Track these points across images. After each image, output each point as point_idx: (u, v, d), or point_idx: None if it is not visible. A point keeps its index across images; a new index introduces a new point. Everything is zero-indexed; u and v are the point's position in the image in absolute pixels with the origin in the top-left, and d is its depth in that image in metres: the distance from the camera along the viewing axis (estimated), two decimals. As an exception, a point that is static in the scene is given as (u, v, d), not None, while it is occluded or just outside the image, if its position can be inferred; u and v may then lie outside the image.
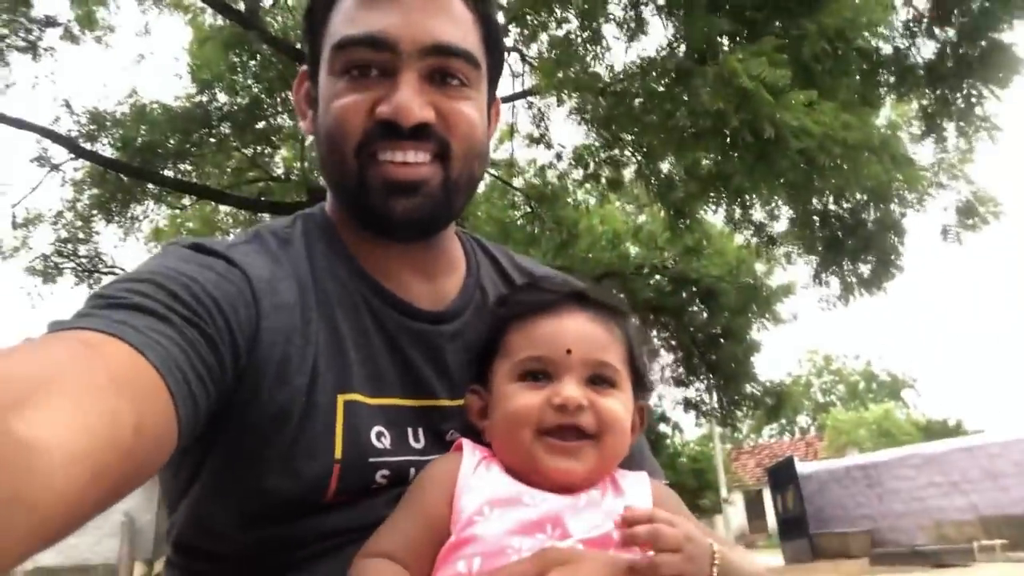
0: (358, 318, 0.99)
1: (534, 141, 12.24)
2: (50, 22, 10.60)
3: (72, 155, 11.11)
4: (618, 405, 0.91)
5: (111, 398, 0.62)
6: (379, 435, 0.93)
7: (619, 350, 0.95)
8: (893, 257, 9.96)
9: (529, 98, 11.63)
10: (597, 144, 10.30)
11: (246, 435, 0.87)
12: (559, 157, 12.04)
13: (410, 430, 0.97)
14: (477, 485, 0.86)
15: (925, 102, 8.51)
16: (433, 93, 0.96)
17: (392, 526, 0.86)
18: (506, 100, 12.03)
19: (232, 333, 0.84)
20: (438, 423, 0.99)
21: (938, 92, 8.13)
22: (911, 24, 7.89)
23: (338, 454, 0.90)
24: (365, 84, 0.96)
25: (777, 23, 6.80)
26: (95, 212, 12.01)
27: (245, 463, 0.88)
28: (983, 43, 7.57)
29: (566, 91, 8.40)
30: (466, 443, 0.93)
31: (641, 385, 0.99)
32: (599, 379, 0.91)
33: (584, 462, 0.87)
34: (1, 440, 0.48)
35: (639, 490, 0.91)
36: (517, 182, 13.52)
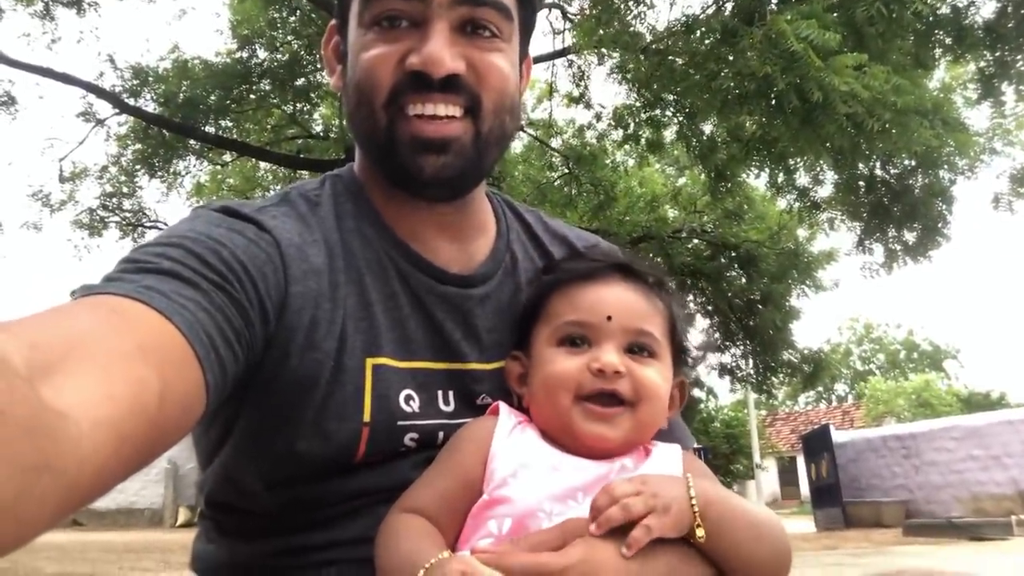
0: (387, 281, 0.99)
1: (573, 101, 12.08)
2: (94, -23, 10.66)
3: (116, 110, 11.29)
4: (656, 375, 0.91)
5: (138, 365, 0.62)
6: (408, 398, 0.93)
7: (660, 321, 0.94)
8: (940, 225, 9.71)
9: (569, 56, 11.44)
10: (638, 104, 10.11)
11: (276, 398, 0.88)
12: (598, 117, 11.89)
13: (440, 393, 0.97)
14: (512, 448, 0.87)
15: (983, 64, 8.17)
16: (464, 44, 0.94)
17: (426, 483, 0.87)
18: (546, 58, 11.87)
19: (261, 298, 0.84)
20: (468, 386, 0.99)
21: (997, 54, 7.80)
22: (972, -19, 7.54)
23: (367, 417, 0.90)
24: (395, 35, 0.94)
25: (830, -19, 6.55)
26: (138, 167, 12.23)
27: (275, 425, 0.89)
28: (1048, 2, 7.22)
29: (606, 49, 8.24)
30: (503, 406, 0.93)
31: (682, 360, 0.99)
32: (639, 347, 0.91)
33: (619, 429, 0.88)
34: (31, 407, 0.48)
35: (669, 460, 0.92)
36: (555, 142, 13.40)
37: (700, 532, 0.78)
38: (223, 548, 0.99)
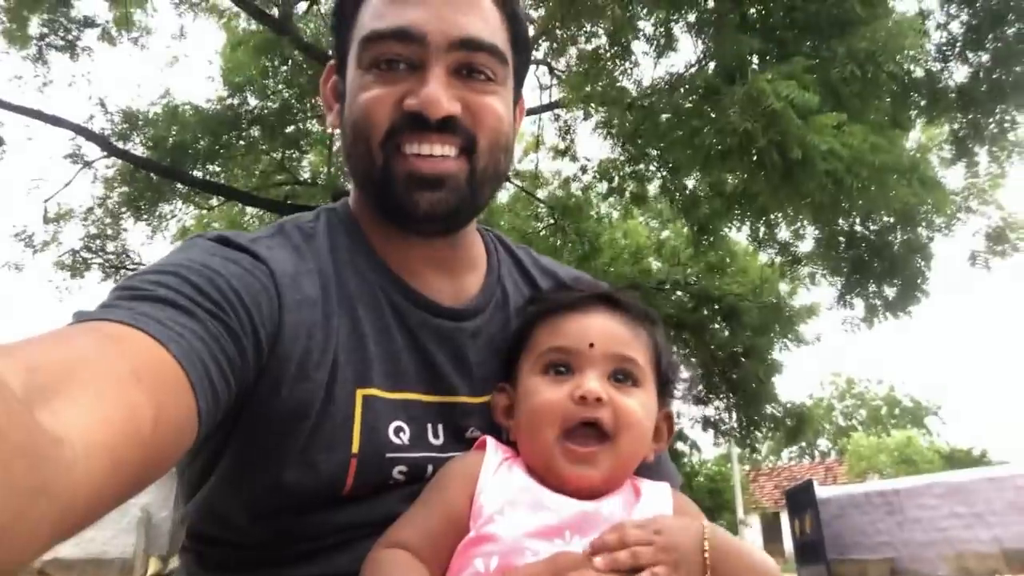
0: (380, 315, 0.99)
1: (560, 153, 12.26)
2: (89, 23, 10.82)
3: (104, 153, 11.31)
4: (637, 405, 0.91)
5: (132, 390, 0.63)
6: (397, 430, 0.93)
7: (644, 350, 0.95)
8: (919, 281, 9.84)
9: (556, 111, 11.66)
10: (622, 158, 10.29)
11: (265, 428, 0.88)
12: (584, 170, 12.06)
13: (429, 426, 0.97)
14: (499, 484, 0.87)
15: (956, 126, 8.41)
16: (460, 87, 0.97)
17: (411, 518, 0.86)
18: (533, 112, 12.07)
19: (255, 327, 0.85)
20: (458, 420, 0.99)
21: (970, 116, 8.04)
22: (944, 48, 7.81)
23: (355, 448, 0.90)
24: (393, 77, 0.97)
25: (808, 43, 6.76)
26: (124, 209, 12.18)
27: (263, 455, 0.89)
28: (1017, 68, 7.47)
29: (592, 105, 8.42)
30: (490, 441, 0.93)
31: (667, 391, 1.00)
32: (623, 375, 0.92)
33: (600, 468, 0.87)
34: (28, 431, 0.48)
35: (659, 499, 0.91)
36: (541, 194, 13.54)
37: None
38: None
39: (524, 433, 0.92)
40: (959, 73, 8.03)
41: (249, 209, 13.78)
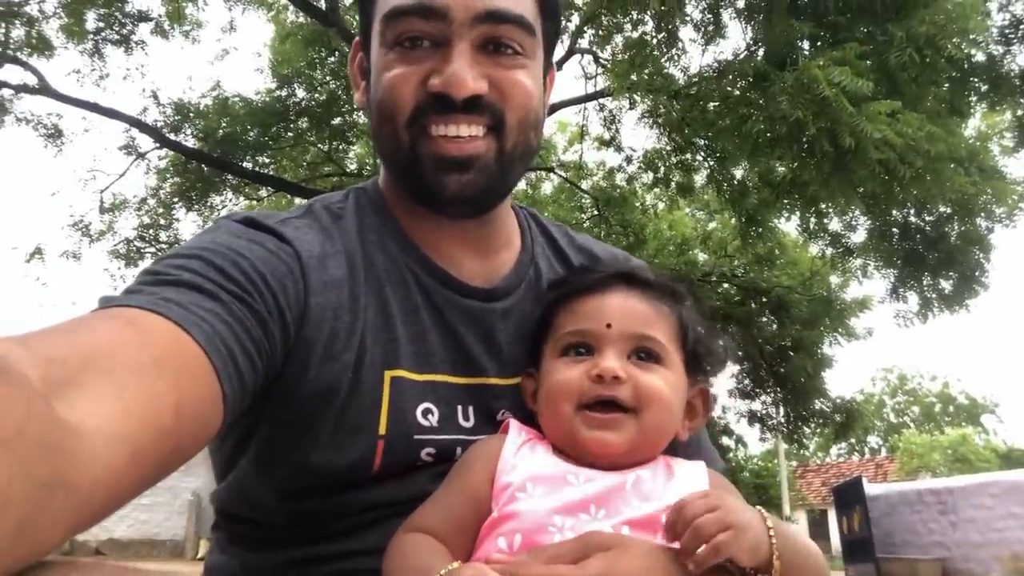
0: (407, 294, 0.98)
1: (604, 144, 12.14)
2: (143, 17, 11.07)
3: (157, 144, 11.57)
4: (660, 381, 0.89)
5: (152, 378, 0.62)
6: (426, 412, 0.93)
7: (666, 327, 0.93)
8: (977, 273, 9.51)
9: (600, 100, 11.54)
10: (668, 148, 10.14)
11: (293, 410, 0.88)
12: (629, 160, 11.90)
13: (460, 408, 0.96)
14: (521, 463, 0.86)
15: (1020, 112, 8.08)
16: (487, 63, 0.94)
17: (434, 502, 0.86)
18: (577, 102, 11.98)
19: (281, 310, 0.84)
20: (488, 401, 0.98)
21: (1034, 102, 7.72)
22: (1006, 30, 7.50)
23: (382, 430, 0.89)
24: (416, 55, 0.94)
25: (862, 27, 6.56)
26: (176, 200, 12.46)
27: (292, 437, 0.89)
28: (1086, 51, 7.15)
29: (639, 93, 8.31)
30: (513, 423, 0.93)
31: (698, 367, 0.96)
32: (643, 353, 0.90)
33: (622, 435, 0.86)
34: (46, 423, 0.48)
35: (694, 478, 0.89)
36: (585, 185, 13.44)
37: (777, 564, 0.74)
38: (236, 558, 0.99)
39: (545, 412, 0.91)
40: (1023, 57, 7.72)
41: (298, 200, 14.00)
